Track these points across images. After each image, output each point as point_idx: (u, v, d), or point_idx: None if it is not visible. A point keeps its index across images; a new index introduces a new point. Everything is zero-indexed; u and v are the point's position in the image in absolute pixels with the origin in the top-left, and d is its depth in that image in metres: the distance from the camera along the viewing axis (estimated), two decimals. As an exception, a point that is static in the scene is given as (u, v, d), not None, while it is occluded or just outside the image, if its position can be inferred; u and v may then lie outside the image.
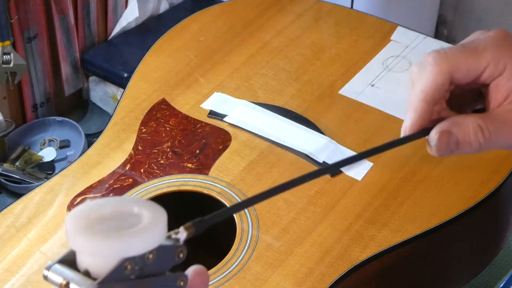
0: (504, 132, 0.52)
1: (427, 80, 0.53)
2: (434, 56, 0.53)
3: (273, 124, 0.94)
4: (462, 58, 0.53)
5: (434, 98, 0.54)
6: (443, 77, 0.53)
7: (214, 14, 1.15)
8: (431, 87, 0.53)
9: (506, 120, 0.53)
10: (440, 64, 0.53)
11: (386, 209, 0.83)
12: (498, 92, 0.53)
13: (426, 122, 0.55)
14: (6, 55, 1.23)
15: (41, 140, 1.35)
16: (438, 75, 0.53)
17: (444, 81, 0.53)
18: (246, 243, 0.80)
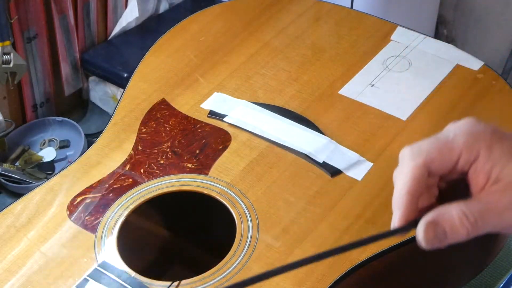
0: (490, 214, 0.53)
1: (406, 174, 0.56)
2: (409, 151, 0.56)
3: (273, 124, 0.94)
4: (435, 150, 0.55)
5: (416, 190, 0.55)
6: (420, 170, 0.55)
7: (214, 14, 1.15)
8: (411, 180, 0.55)
9: (489, 202, 0.53)
10: (415, 158, 0.55)
11: (386, 209, 0.83)
12: (478, 177, 0.55)
13: (412, 214, 0.56)
14: (6, 55, 1.23)
15: (41, 140, 1.36)
16: (415, 169, 0.55)
17: (422, 173, 0.55)
18: (246, 243, 0.80)
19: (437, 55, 1.05)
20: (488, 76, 1.00)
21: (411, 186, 0.55)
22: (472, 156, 0.54)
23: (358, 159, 0.89)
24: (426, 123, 0.94)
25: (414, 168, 0.55)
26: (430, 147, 0.55)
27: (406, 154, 0.56)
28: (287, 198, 0.84)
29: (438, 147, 0.55)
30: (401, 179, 0.56)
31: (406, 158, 0.56)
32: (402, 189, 0.55)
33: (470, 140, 0.55)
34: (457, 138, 0.55)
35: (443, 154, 0.55)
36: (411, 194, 0.55)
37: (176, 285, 0.76)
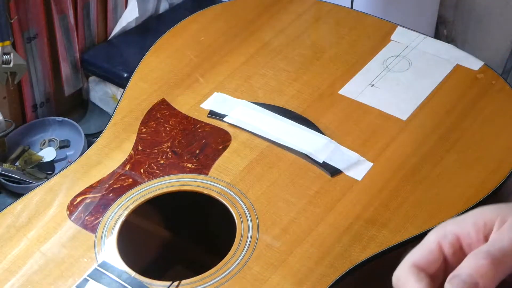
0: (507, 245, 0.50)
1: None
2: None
3: (273, 124, 0.94)
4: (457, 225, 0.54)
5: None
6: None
7: (214, 14, 1.15)
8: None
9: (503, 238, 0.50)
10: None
11: (386, 209, 0.83)
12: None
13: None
14: (6, 55, 1.23)
15: (41, 140, 1.36)
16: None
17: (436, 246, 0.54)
18: (246, 243, 0.80)
19: (437, 55, 1.05)
20: (488, 76, 1.00)
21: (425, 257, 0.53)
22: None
23: (358, 159, 0.89)
24: (426, 123, 0.94)
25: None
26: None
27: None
28: (287, 198, 0.84)
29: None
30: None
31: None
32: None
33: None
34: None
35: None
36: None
37: (176, 285, 0.76)
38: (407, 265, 0.52)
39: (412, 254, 0.53)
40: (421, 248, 0.53)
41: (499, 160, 0.88)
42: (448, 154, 0.89)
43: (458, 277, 0.48)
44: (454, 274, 0.49)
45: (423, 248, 0.53)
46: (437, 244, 0.53)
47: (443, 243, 0.53)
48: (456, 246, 0.52)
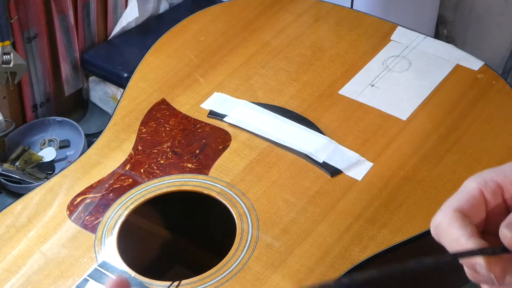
0: None
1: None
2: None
3: (273, 124, 0.94)
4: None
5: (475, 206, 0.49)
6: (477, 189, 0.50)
7: (214, 14, 1.15)
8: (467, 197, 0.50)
9: None
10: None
11: (386, 209, 0.83)
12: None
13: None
14: (6, 55, 1.23)
15: (41, 140, 1.36)
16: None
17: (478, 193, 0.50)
18: (246, 243, 0.80)
19: (437, 55, 1.05)
20: (488, 76, 1.00)
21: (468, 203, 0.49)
22: None
23: (358, 159, 0.89)
24: (426, 123, 0.94)
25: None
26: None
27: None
28: (287, 198, 0.84)
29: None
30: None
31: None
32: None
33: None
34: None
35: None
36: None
37: (176, 285, 0.76)
38: (450, 210, 0.48)
39: (453, 200, 0.49)
40: (462, 194, 0.49)
41: (499, 160, 0.88)
42: (448, 154, 0.89)
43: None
44: (509, 221, 0.45)
45: (465, 194, 0.49)
46: (479, 191, 0.48)
47: (484, 191, 0.48)
48: (498, 194, 0.49)
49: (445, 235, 0.47)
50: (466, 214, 0.47)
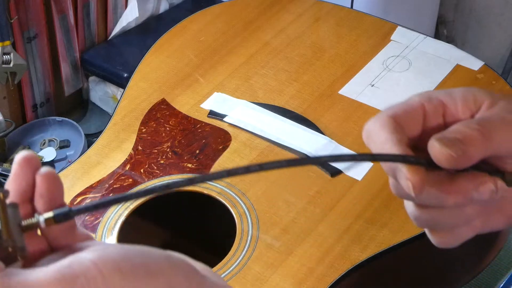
0: (497, 124, 0.45)
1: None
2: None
3: (273, 124, 0.94)
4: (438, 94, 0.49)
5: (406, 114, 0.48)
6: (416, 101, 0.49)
7: (214, 14, 1.15)
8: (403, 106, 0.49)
9: (491, 115, 0.46)
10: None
11: (386, 209, 0.83)
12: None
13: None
14: (6, 55, 1.23)
15: (41, 140, 1.36)
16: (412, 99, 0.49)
17: (415, 104, 0.49)
18: (246, 243, 0.80)
19: (437, 55, 1.05)
20: (488, 76, 1.00)
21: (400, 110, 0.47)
22: (474, 106, 0.47)
23: (358, 159, 0.89)
24: (426, 123, 0.94)
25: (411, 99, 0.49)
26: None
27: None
28: (287, 198, 0.84)
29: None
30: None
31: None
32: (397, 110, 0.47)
33: (473, 94, 0.47)
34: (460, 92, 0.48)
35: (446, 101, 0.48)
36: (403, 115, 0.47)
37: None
38: (384, 116, 0.46)
39: (389, 108, 0.47)
40: (400, 105, 0.48)
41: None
42: (448, 154, 0.89)
43: (447, 138, 0.44)
44: (443, 135, 0.44)
45: (404, 105, 0.48)
46: (420, 104, 0.47)
47: (426, 106, 0.47)
48: (439, 112, 0.47)
49: (373, 139, 0.46)
50: (399, 123, 0.46)
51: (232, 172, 0.40)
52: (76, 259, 0.35)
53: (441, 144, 0.43)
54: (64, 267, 0.35)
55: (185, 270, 0.39)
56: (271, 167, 0.40)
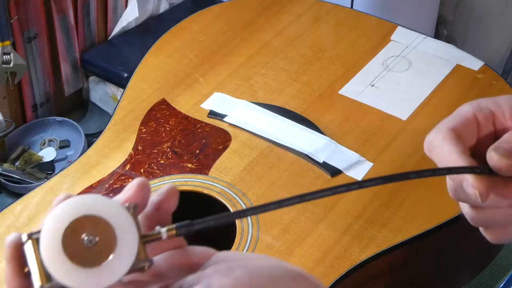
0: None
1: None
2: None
3: (273, 124, 0.94)
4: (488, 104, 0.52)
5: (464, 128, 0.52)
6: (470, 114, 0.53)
7: (214, 14, 1.15)
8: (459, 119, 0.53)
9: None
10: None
11: (386, 209, 0.83)
12: None
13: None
14: (6, 55, 1.23)
15: (41, 140, 1.35)
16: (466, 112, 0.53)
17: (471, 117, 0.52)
18: (246, 243, 0.80)
19: (437, 55, 1.05)
20: (488, 76, 1.00)
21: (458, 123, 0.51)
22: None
23: (358, 159, 0.89)
24: (426, 123, 0.94)
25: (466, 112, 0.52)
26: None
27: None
28: (287, 198, 0.84)
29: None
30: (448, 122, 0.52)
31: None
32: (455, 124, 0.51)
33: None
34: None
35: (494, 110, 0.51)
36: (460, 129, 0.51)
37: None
38: (444, 128, 0.50)
39: (448, 120, 0.51)
40: (456, 116, 0.51)
41: (499, 160, 0.87)
42: (448, 154, 0.89)
43: (503, 149, 0.47)
44: (498, 145, 0.48)
45: (459, 117, 0.51)
46: (473, 115, 0.51)
47: (478, 115, 0.51)
48: (489, 121, 0.51)
49: (438, 151, 0.50)
50: (459, 134, 0.50)
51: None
52: (211, 286, 0.37)
53: (499, 155, 0.47)
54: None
55: (303, 281, 0.40)
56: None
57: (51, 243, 0.37)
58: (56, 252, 0.37)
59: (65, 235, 0.37)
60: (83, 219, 0.38)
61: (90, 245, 0.37)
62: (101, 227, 0.38)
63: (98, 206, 0.38)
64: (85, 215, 0.38)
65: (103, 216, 0.38)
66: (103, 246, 0.37)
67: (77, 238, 0.37)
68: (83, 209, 0.38)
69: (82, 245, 0.37)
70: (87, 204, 0.38)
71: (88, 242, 0.37)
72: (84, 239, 0.37)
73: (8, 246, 0.39)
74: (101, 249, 0.37)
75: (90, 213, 0.38)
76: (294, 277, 0.40)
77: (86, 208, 0.38)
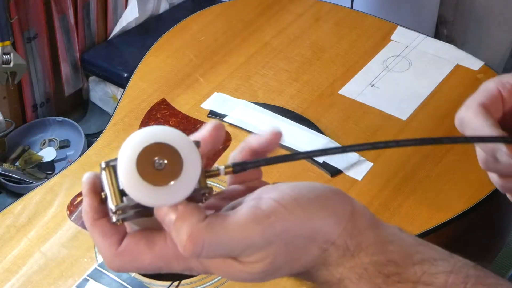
0: None
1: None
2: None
3: (273, 124, 0.94)
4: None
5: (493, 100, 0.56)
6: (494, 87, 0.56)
7: (214, 14, 1.15)
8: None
9: None
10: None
11: (386, 209, 0.83)
12: None
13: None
14: (6, 55, 1.23)
15: (41, 140, 1.35)
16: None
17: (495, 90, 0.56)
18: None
19: (437, 55, 1.05)
20: (488, 76, 1.00)
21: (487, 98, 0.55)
22: None
23: (358, 159, 0.89)
24: (426, 123, 0.94)
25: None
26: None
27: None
28: (287, 198, 0.84)
29: None
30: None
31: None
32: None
33: None
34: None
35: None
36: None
37: (176, 285, 0.76)
38: (474, 104, 0.54)
39: (476, 96, 0.55)
40: (482, 92, 0.55)
41: (499, 160, 0.87)
42: (448, 154, 0.89)
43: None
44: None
45: (485, 92, 0.55)
46: (497, 90, 0.55)
47: (502, 90, 0.55)
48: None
49: (470, 125, 0.54)
50: (487, 108, 0.53)
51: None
52: (262, 201, 0.45)
53: None
54: (255, 208, 0.44)
55: (344, 197, 0.46)
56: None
57: (127, 164, 0.43)
58: (131, 171, 0.43)
59: (139, 158, 0.43)
60: (155, 145, 0.43)
61: (160, 167, 0.43)
62: (170, 153, 0.43)
63: (168, 135, 0.44)
64: (156, 142, 0.43)
65: (171, 143, 0.44)
66: (172, 168, 0.43)
67: (149, 161, 0.43)
68: (155, 137, 0.43)
69: (153, 167, 0.43)
70: (158, 134, 0.44)
71: (158, 165, 0.43)
72: (155, 162, 0.43)
73: (85, 181, 0.46)
74: (170, 171, 0.43)
75: (161, 140, 0.43)
76: (334, 191, 0.46)
77: (157, 136, 0.44)
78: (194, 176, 0.44)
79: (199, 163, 0.45)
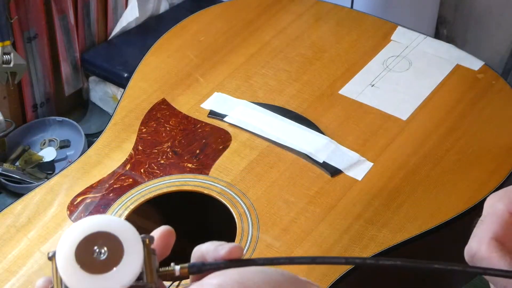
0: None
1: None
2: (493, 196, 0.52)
3: (273, 124, 0.94)
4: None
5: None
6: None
7: (214, 14, 1.15)
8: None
9: None
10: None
11: (386, 209, 0.83)
12: None
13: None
14: (6, 55, 1.23)
15: (41, 140, 1.35)
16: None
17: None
18: (246, 243, 0.80)
19: (437, 55, 1.05)
20: (488, 76, 1.00)
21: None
22: None
23: (358, 159, 0.89)
24: (426, 123, 0.94)
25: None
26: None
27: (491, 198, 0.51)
28: (287, 198, 0.84)
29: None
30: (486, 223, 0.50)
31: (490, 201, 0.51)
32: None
33: None
34: None
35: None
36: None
37: (177, 285, 0.76)
38: (486, 239, 0.48)
39: (486, 227, 0.49)
40: (493, 219, 0.49)
41: (499, 160, 0.88)
42: (448, 154, 0.89)
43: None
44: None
45: (497, 219, 0.49)
46: (509, 214, 0.49)
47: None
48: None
49: (484, 264, 0.48)
50: (501, 241, 0.48)
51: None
52: (203, 285, 0.42)
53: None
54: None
55: (296, 282, 0.45)
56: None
57: (64, 254, 0.42)
58: (67, 261, 0.42)
59: (78, 247, 0.42)
60: (95, 234, 0.42)
61: (99, 256, 0.42)
62: (111, 242, 0.42)
63: (108, 223, 0.43)
64: (98, 231, 0.43)
65: (112, 231, 0.43)
66: (112, 257, 0.42)
67: (89, 250, 0.42)
68: (95, 227, 0.43)
69: (92, 256, 0.42)
70: (98, 223, 0.43)
71: (98, 253, 0.42)
72: (94, 250, 0.42)
73: (39, 282, 0.45)
74: (109, 259, 0.42)
75: (101, 229, 0.43)
76: (287, 276, 0.44)
77: (97, 226, 0.43)
78: (135, 266, 0.42)
79: (141, 253, 0.43)
